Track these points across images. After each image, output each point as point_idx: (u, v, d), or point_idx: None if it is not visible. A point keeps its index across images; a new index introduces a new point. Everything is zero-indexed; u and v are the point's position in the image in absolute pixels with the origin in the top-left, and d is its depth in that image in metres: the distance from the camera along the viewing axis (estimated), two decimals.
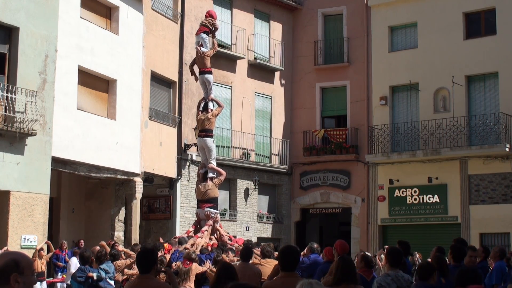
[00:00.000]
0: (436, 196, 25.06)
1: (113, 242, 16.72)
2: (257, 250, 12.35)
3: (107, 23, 21.19)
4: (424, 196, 25.29)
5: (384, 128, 26.11)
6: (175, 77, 24.01)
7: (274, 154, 27.72)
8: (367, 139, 26.46)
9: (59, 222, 21.88)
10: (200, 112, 18.49)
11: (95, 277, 10.29)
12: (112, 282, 11.16)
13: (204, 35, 18.62)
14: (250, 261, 10.19)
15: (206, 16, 19.16)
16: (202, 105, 18.60)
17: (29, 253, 15.71)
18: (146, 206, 23.95)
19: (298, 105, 28.45)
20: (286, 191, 28.06)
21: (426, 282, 7.33)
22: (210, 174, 18.08)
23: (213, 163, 18.21)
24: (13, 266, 3.49)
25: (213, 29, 18.81)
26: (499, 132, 23.75)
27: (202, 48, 18.24)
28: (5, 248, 15.21)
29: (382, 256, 14.76)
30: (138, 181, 21.79)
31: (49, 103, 17.79)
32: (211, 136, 18.37)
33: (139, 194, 21.88)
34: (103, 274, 10.77)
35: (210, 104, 18.34)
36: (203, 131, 18.23)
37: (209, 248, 15.90)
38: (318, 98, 28.12)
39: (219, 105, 18.52)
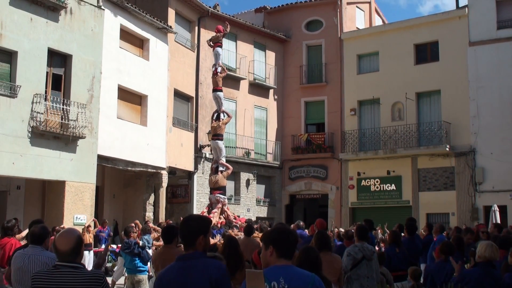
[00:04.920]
0: (393, 185, 25.06)
1: (146, 220, 16.71)
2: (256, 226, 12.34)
3: (140, 51, 21.20)
4: (384, 185, 25.29)
5: (353, 133, 26.11)
6: (192, 93, 24.01)
7: (269, 153, 27.70)
8: (341, 141, 26.46)
9: (103, 205, 21.87)
10: (213, 121, 18.53)
11: (141, 243, 10.10)
12: (150, 251, 11.07)
13: (219, 49, 18.66)
14: (252, 236, 10.20)
15: (215, 31, 19.13)
16: (215, 115, 18.64)
17: (80, 229, 15.73)
18: (170, 193, 23.94)
19: (287, 115, 28.43)
20: (278, 181, 28.03)
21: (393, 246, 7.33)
22: (220, 168, 18.09)
23: (223, 160, 18.22)
24: (82, 241, 3.52)
25: (221, 38, 18.68)
26: (441, 136, 23.78)
27: (218, 68, 18.41)
28: (62, 226, 15.22)
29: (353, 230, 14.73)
30: (164, 173, 21.79)
31: (95, 113, 17.81)
32: (222, 139, 18.38)
33: (165, 183, 21.88)
34: (146, 243, 10.73)
35: (221, 115, 18.39)
36: (216, 135, 18.25)
37: (219, 225, 15.93)
38: (302, 110, 28.11)
39: (228, 116, 18.54)
